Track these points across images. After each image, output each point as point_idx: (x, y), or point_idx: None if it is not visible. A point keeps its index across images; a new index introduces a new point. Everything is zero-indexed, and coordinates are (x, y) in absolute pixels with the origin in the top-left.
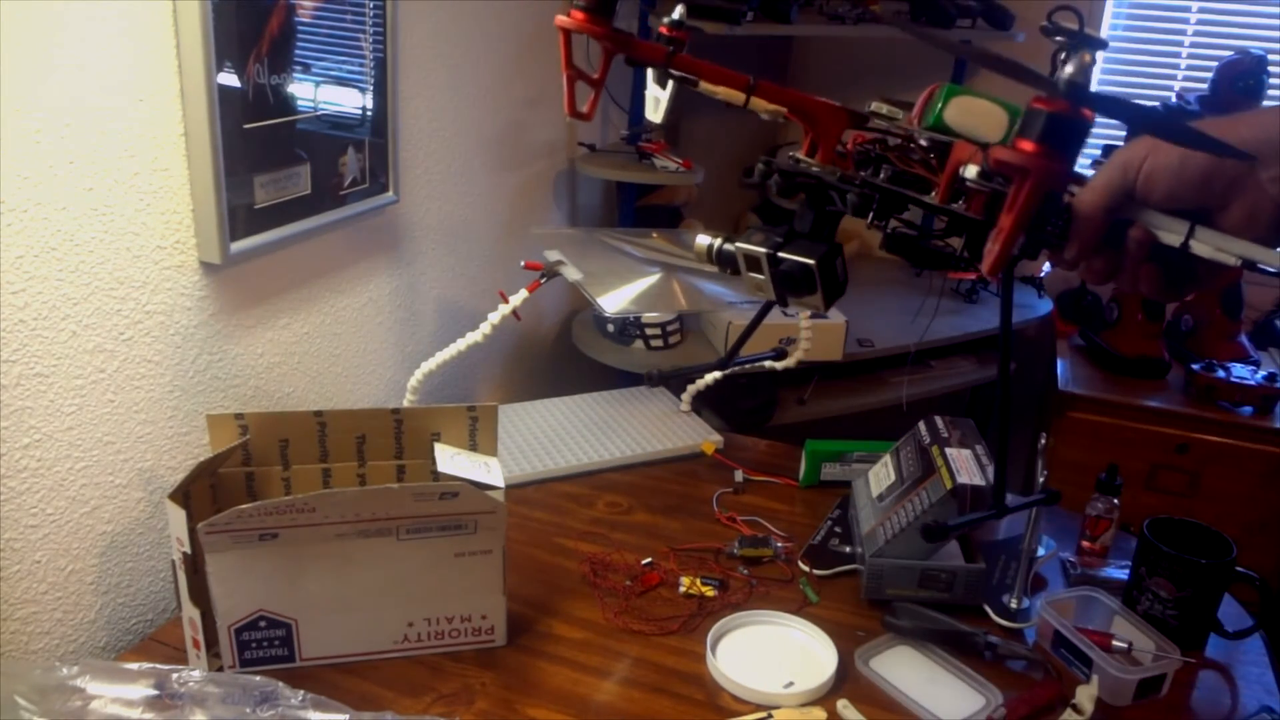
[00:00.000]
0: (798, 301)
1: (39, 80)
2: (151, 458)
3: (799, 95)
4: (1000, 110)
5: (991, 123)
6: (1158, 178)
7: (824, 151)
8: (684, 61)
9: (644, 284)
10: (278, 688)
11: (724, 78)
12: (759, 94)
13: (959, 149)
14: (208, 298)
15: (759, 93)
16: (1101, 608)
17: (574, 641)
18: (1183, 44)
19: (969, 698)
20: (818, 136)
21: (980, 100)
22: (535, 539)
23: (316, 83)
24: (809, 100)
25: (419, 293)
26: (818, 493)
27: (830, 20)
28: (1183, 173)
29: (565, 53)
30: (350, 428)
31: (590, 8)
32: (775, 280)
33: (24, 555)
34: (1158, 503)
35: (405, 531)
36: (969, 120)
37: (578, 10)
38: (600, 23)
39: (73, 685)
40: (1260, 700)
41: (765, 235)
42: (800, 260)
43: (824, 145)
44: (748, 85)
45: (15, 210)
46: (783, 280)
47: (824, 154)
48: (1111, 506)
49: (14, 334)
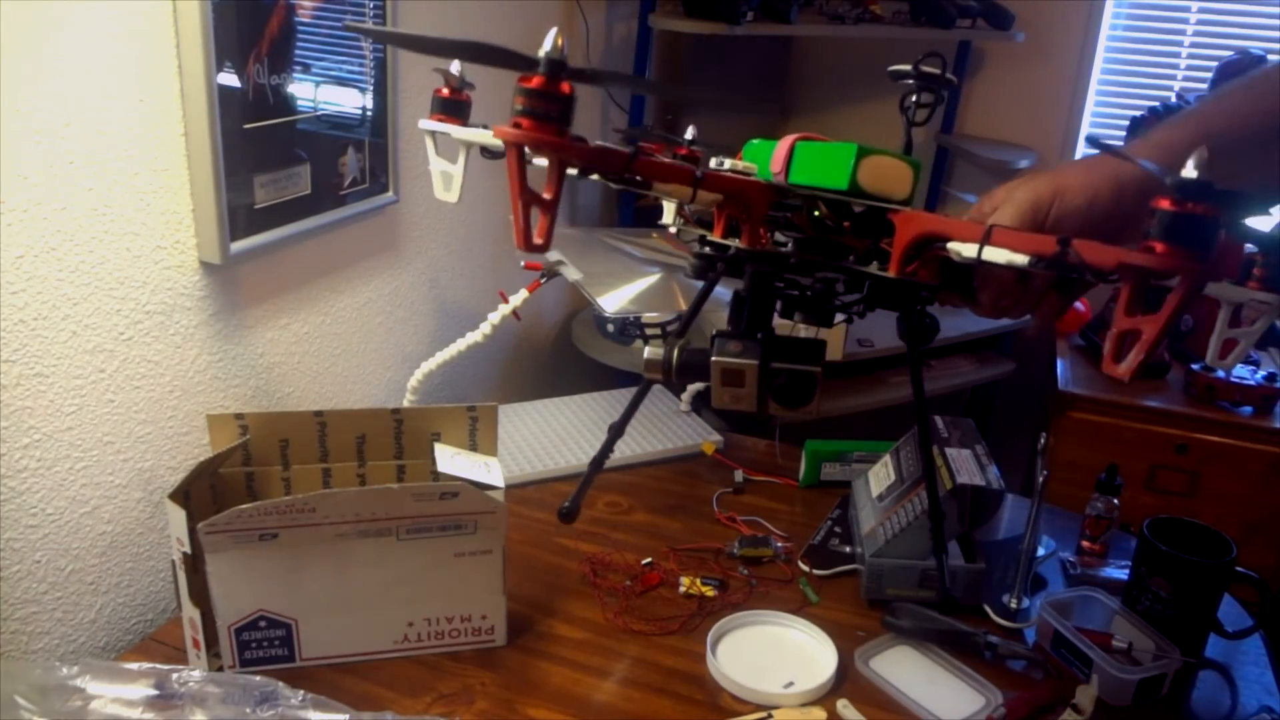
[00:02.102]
0: (785, 413)
1: (39, 80)
2: (151, 458)
3: (733, 181)
4: (906, 167)
5: (902, 181)
6: (1067, 222)
7: (750, 233)
8: (643, 166)
9: (644, 284)
10: (278, 688)
11: (673, 174)
12: (704, 186)
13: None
14: (208, 298)
15: (704, 185)
16: (1101, 608)
17: (574, 641)
18: (1182, 44)
19: (969, 698)
20: (746, 218)
21: (889, 159)
22: (535, 539)
23: (316, 83)
24: (742, 184)
25: (419, 293)
26: (818, 493)
27: (830, 20)
28: (1090, 214)
29: (517, 174)
30: (350, 428)
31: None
32: (768, 393)
33: (24, 555)
34: (1158, 503)
35: (405, 531)
36: (882, 182)
37: (524, 118)
38: (556, 131)
39: (73, 685)
40: (1260, 700)
41: (741, 344)
42: (803, 370)
43: (752, 225)
44: (693, 179)
45: (15, 210)
46: (779, 393)
47: (750, 236)
48: (1111, 506)
49: (14, 334)
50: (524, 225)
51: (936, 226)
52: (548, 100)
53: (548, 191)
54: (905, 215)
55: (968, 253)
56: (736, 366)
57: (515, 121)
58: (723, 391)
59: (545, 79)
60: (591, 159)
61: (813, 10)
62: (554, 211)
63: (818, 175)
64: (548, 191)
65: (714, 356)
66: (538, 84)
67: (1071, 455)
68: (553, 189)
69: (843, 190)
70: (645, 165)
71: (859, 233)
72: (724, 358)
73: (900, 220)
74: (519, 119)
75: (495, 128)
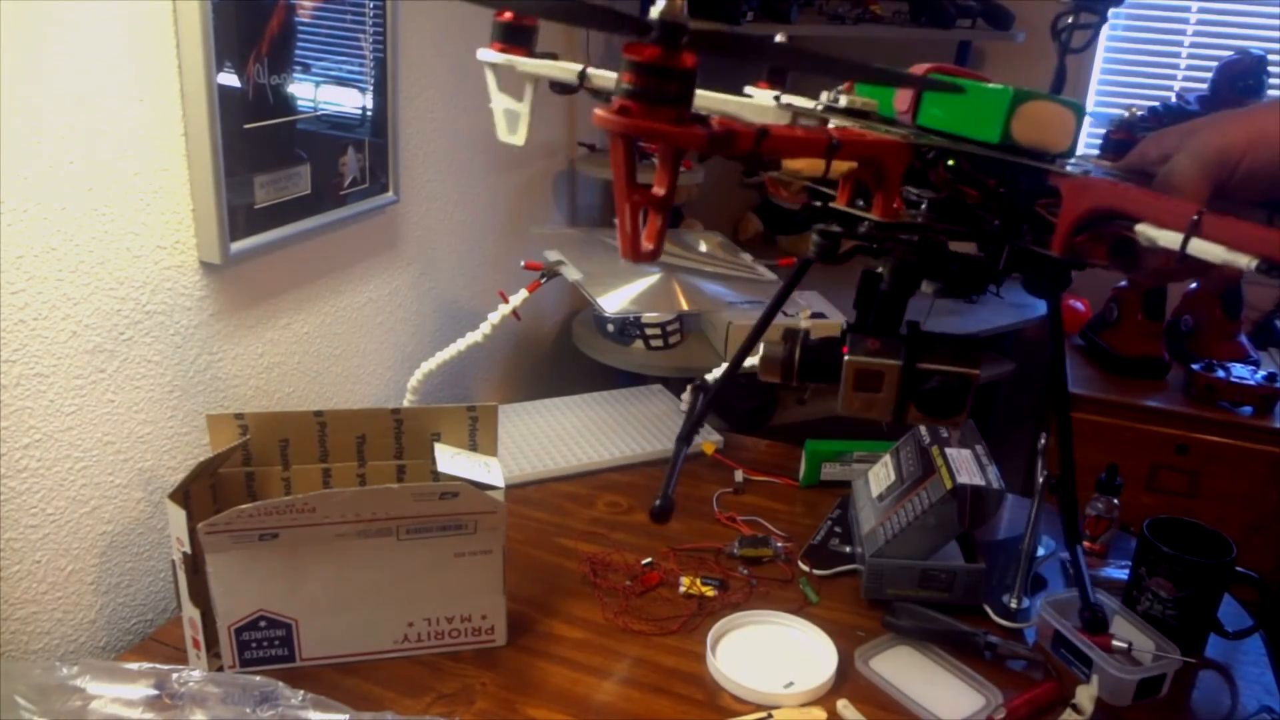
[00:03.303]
0: (928, 421)
1: (39, 80)
2: (151, 458)
3: (873, 144)
4: (1069, 114)
5: (1062, 130)
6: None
7: (885, 202)
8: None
9: (644, 284)
10: (278, 688)
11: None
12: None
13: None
14: (208, 298)
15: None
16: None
17: (574, 641)
18: (1183, 44)
19: (969, 698)
20: (879, 184)
21: (1050, 105)
22: (535, 539)
23: (316, 83)
24: (882, 145)
25: (419, 293)
26: (818, 493)
27: (830, 20)
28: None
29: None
30: (350, 428)
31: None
32: (911, 400)
33: (24, 555)
34: (1158, 503)
35: (405, 531)
36: (1039, 133)
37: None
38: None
39: (73, 685)
40: (1260, 700)
41: (880, 340)
42: (960, 372)
43: (887, 193)
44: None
45: (15, 210)
46: (927, 400)
47: (884, 206)
48: (1111, 506)
49: (14, 334)
50: (633, 230)
51: (1118, 201)
52: (664, 77)
53: (659, 185)
54: (1077, 182)
55: (1166, 242)
56: (875, 367)
57: (621, 104)
58: (854, 396)
59: (662, 49)
60: (716, 146)
61: (813, 10)
62: (668, 210)
63: (958, 121)
64: (659, 185)
65: (849, 355)
66: (651, 56)
67: None
68: (666, 183)
69: (992, 144)
70: (776, 141)
71: (1009, 192)
72: (861, 356)
73: (1070, 188)
74: (626, 100)
75: (597, 114)
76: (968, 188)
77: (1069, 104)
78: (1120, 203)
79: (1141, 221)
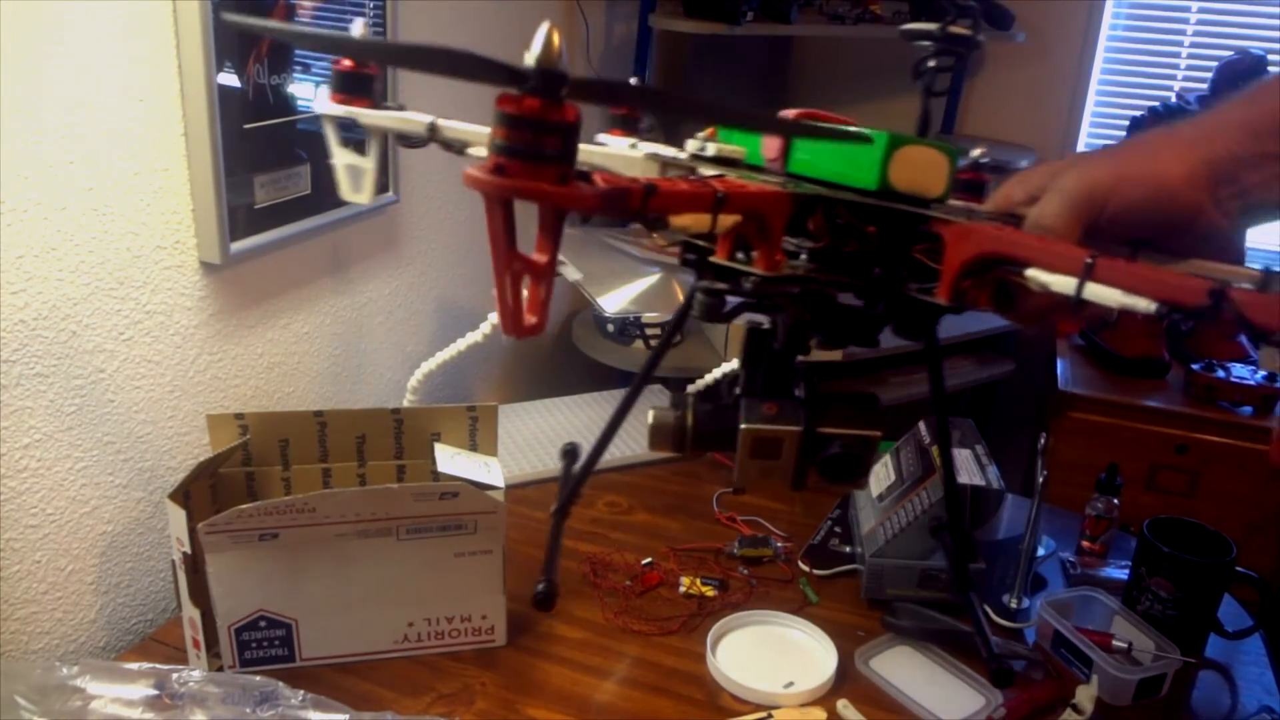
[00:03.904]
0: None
1: (39, 80)
2: (151, 458)
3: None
4: (942, 158)
5: (938, 174)
6: (1126, 217)
7: (767, 256)
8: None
9: (644, 284)
10: (278, 688)
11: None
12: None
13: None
14: (208, 298)
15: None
16: (1101, 608)
17: (574, 641)
18: (1182, 44)
19: (969, 698)
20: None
21: (924, 149)
22: (535, 539)
23: (316, 83)
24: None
25: (419, 293)
26: (818, 493)
27: (830, 20)
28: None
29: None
30: (350, 428)
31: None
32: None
33: (24, 555)
34: (1158, 503)
35: (405, 531)
36: (916, 178)
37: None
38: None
39: (73, 685)
40: (1260, 700)
41: (776, 404)
42: (861, 435)
43: (770, 246)
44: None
45: (15, 210)
46: (827, 466)
47: (767, 259)
48: (1111, 506)
49: (14, 334)
50: (514, 303)
51: (1004, 247)
52: (544, 132)
53: (541, 252)
54: (960, 229)
55: (1059, 287)
56: (774, 434)
57: (496, 163)
58: (751, 464)
59: (540, 101)
60: (603, 205)
61: (813, 10)
62: (551, 279)
63: (832, 168)
64: (541, 252)
65: (744, 423)
66: (530, 108)
67: (1071, 455)
68: (549, 250)
69: (870, 191)
70: (664, 197)
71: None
72: (758, 424)
73: (953, 234)
74: (501, 159)
75: (468, 174)
76: (846, 236)
77: (943, 147)
78: (1007, 248)
79: (1031, 266)
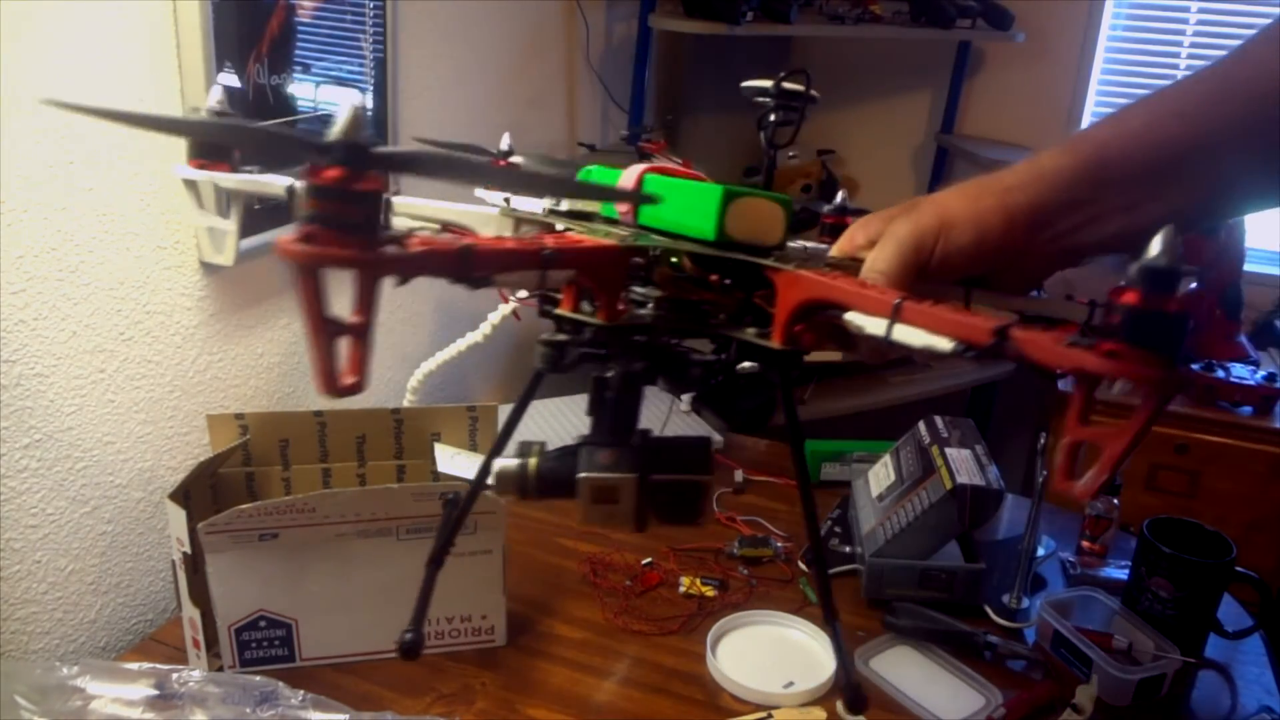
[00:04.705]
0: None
1: (39, 80)
2: (151, 458)
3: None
4: (778, 209)
5: (773, 224)
6: (954, 261)
7: (607, 307)
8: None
9: None
10: (278, 688)
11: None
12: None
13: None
14: (208, 298)
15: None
16: (1101, 608)
17: (574, 641)
18: (1182, 44)
19: (969, 698)
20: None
21: (759, 201)
22: (535, 539)
23: (316, 83)
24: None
25: (419, 293)
26: (818, 493)
27: (830, 20)
28: (979, 251)
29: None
30: (350, 428)
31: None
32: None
33: (24, 555)
34: (1158, 503)
35: (405, 531)
36: (751, 228)
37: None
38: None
39: (73, 685)
40: (1260, 700)
41: (613, 453)
42: (691, 481)
43: (610, 297)
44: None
45: (15, 210)
46: (662, 510)
47: (607, 310)
48: (1111, 506)
49: (14, 334)
50: (325, 365)
51: (826, 292)
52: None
53: (358, 314)
54: (788, 277)
55: (873, 329)
56: (610, 482)
57: (305, 232)
58: (593, 509)
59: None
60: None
61: (813, 10)
62: (369, 338)
63: (677, 220)
64: (358, 314)
65: (581, 472)
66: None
67: None
68: (364, 313)
69: (710, 241)
70: (483, 256)
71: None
72: (594, 473)
73: (783, 282)
74: (310, 228)
75: (279, 243)
76: (691, 285)
77: (777, 199)
78: (828, 293)
79: (850, 310)
